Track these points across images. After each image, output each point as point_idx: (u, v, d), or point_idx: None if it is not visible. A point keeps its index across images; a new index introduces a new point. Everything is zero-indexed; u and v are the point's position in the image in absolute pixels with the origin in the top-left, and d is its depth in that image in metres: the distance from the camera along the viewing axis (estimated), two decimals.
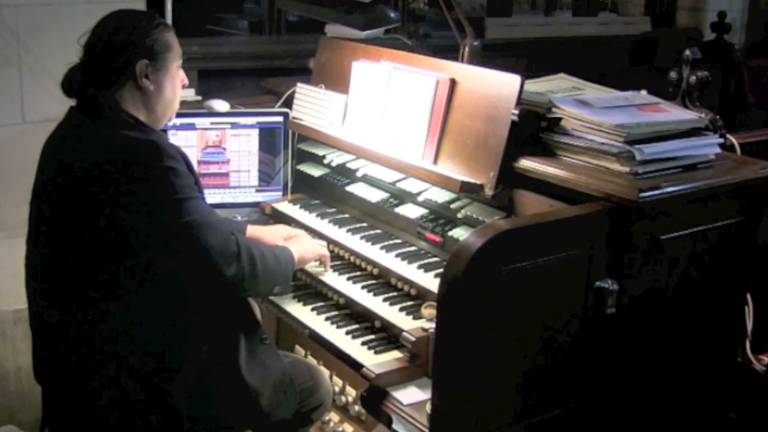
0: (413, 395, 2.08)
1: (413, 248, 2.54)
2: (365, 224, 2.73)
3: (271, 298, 2.48)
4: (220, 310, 2.14)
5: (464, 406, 1.93)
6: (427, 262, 2.43)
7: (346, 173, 2.82)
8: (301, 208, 2.90)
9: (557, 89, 2.51)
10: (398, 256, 2.49)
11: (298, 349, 3.06)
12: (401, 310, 2.32)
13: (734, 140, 2.49)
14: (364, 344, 2.28)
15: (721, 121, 2.37)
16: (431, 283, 2.31)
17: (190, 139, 2.91)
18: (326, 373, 2.71)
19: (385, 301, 2.37)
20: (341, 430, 2.85)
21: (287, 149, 3.00)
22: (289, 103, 3.04)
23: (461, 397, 1.92)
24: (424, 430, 1.97)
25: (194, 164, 2.41)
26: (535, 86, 2.51)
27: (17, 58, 2.94)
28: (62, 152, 2.07)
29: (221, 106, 2.96)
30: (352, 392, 2.85)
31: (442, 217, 2.50)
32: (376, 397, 2.11)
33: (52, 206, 2.06)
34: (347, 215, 2.82)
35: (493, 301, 1.88)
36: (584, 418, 2.14)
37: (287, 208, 2.92)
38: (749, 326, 2.46)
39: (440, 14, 2.96)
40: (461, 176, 2.33)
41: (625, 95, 2.42)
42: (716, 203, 2.21)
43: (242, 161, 2.97)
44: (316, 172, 2.96)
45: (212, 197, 2.89)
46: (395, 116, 2.59)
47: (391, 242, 2.58)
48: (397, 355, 2.20)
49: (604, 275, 2.04)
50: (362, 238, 2.62)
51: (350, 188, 2.79)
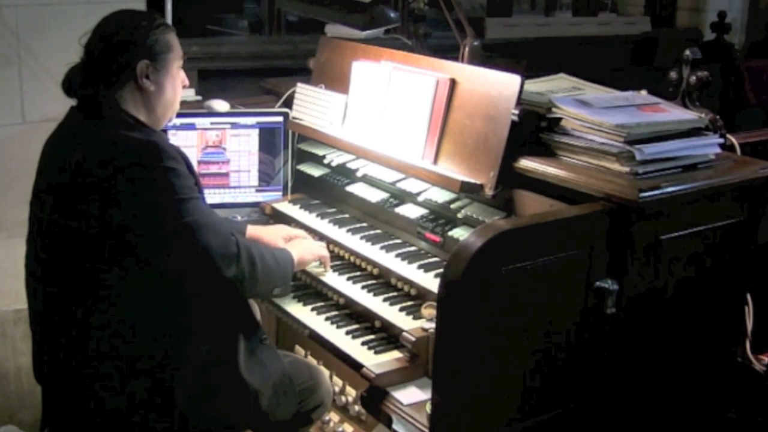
0: (413, 395, 2.08)
1: (413, 248, 2.54)
2: (365, 224, 2.73)
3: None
4: (219, 310, 2.14)
5: (464, 406, 1.93)
6: (427, 262, 2.43)
7: (346, 173, 2.82)
8: (301, 208, 2.90)
9: (557, 89, 2.51)
10: (398, 256, 2.49)
11: (298, 349, 3.06)
12: (401, 310, 2.32)
13: (734, 140, 2.49)
14: (364, 344, 2.28)
15: (721, 121, 2.37)
16: (431, 283, 2.31)
17: (190, 139, 2.91)
18: (326, 372, 2.71)
19: (385, 301, 2.37)
20: (341, 430, 2.85)
21: (287, 149, 2.99)
22: (289, 103, 3.04)
23: (461, 397, 1.92)
24: (424, 430, 1.97)
25: (194, 164, 2.41)
26: (535, 86, 2.51)
27: (17, 58, 2.94)
28: (62, 152, 2.07)
29: (221, 106, 2.96)
30: (352, 392, 2.85)
31: (442, 217, 2.50)
32: (376, 397, 2.11)
33: (52, 206, 2.06)
34: (347, 215, 2.82)
35: (493, 301, 1.88)
36: (584, 418, 2.14)
37: (287, 208, 2.92)
38: (749, 326, 2.46)
39: (440, 14, 2.96)
40: (461, 176, 2.33)
41: (625, 95, 2.42)
42: (716, 203, 2.21)
43: (242, 161, 2.97)
44: (316, 172, 2.96)
45: (212, 197, 2.89)
46: (395, 116, 2.59)
47: (391, 242, 2.58)
48: (397, 355, 2.20)
49: (604, 275, 2.04)
50: (362, 238, 2.62)
51: (350, 188, 2.79)
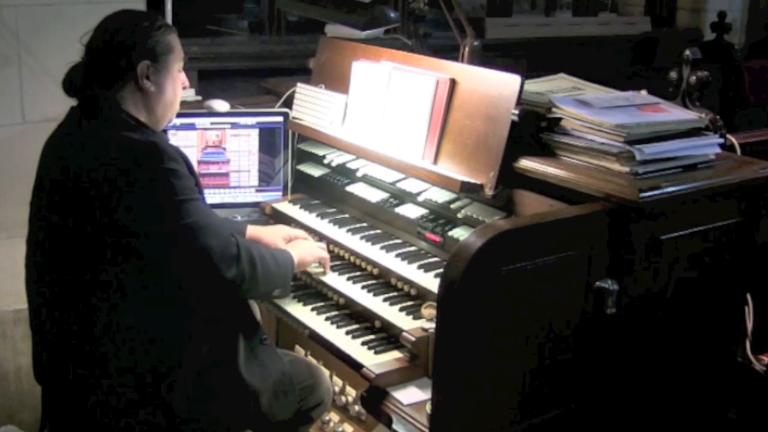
0: (413, 395, 2.08)
1: (413, 248, 2.54)
2: (365, 224, 2.73)
3: None
4: (219, 311, 2.13)
5: (464, 406, 1.93)
6: (427, 262, 2.43)
7: (346, 173, 2.81)
8: (301, 208, 2.90)
9: (557, 89, 2.51)
10: (398, 256, 2.49)
11: (298, 349, 3.06)
12: (401, 310, 2.32)
13: (734, 140, 2.49)
14: (364, 344, 2.28)
15: (721, 121, 2.37)
16: (431, 283, 2.31)
17: (190, 139, 2.91)
18: (326, 371, 2.71)
19: (385, 301, 2.37)
20: (341, 430, 2.85)
21: (287, 149, 2.99)
22: (289, 103, 3.04)
23: (461, 397, 1.92)
24: (424, 430, 1.97)
25: (194, 164, 2.41)
26: (535, 86, 2.51)
27: (17, 58, 2.94)
28: (63, 153, 2.07)
29: (221, 106, 2.95)
30: (352, 392, 2.85)
31: (442, 217, 2.50)
32: (376, 397, 2.11)
33: (52, 207, 2.06)
34: (347, 215, 2.82)
35: (493, 301, 1.88)
36: (584, 418, 2.14)
37: (287, 208, 2.92)
38: (749, 326, 2.46)
39: (440, 14, 2.96)
40: (461, 176, 2.33)
41: (625, 95, 2.42)
42: (716, 203, 2.21)
43: (242, 161, 2.97)
44: (316, 172, 2.96)
45: (212, 197, 2.89)
46: (395, 116, 2.59)
47: (391, 242, 2.58)
48: (397, 355, 2.20)
49: (604, 275, 2.04)
50: (362, 238, 2.62)
51: (350, 188, 2.79)
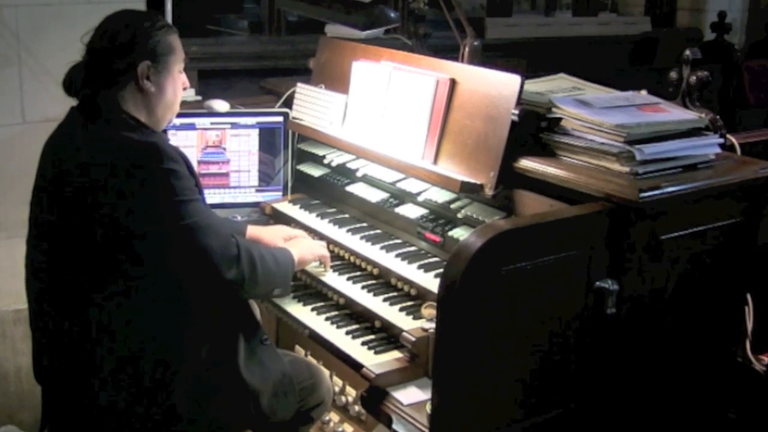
0: (413, 395, 2.08)
1: (413, 248, 2.54)
2: (365, 224, 2.73)
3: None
4: (219, 311, 2.13)
5: (464, 406, 1.93)
6: (427, 262, 2.43)
7: (346, 173, 2.81)
8: (301, 208, 2.90)
9: (557, 89, 2.51)
10: (398, 256, 2.49)
11: (298, 349, 3.06)
12: (401, 310, 2.32)
13: (734, 140, 2.49)
14: (364, 344, 2.28)
15: (721, 121, 2.37)
16: (431, 283, 2.31)
17: (190, 139, 2.91)
18: (326, 371, 2.71)
19: (385, 301, 2.37)
20: (341, 430, 2.85)
21: (287, 149, 2.99)
22: (289, 103, 3.04)
23: (461, 397, 1.92)
24: (424, 430, 1.97)
25: (194, 164, 2.41)
26: (535, 86, 2.51)
27: (17, 58, 2.94)
28: (63, 153, 2.07)
29: (221, 106, 2.95)
30: (352, 392, 2.85)
31: (442, 217, 2.50)
32: (376, 397, 2.11)
33: (52, 207, 2.06)
34: (347, 215, 2.82)
35: (493, 301, 1.88)
36: (584, 418, 2.14)
37: (287, 208, 2.92)
38: (749, 326, 2.46)
39: (440, 14, 2.96)
40: (461, 176, 2.33)
41: (625, 95, 2.41)
42: (716, 203, 2.21)
43: (242, 161, 2.97)
44: (316, 172, 2.96)
45: (212, 197, 2.88)
46: (395, 116, 2.59)
47: (391, 242, 2.58)
48: (397, 355, 2.20)
49: (604, 275, 2.04)
50: (362, 238, 2.62)
51: (350, 188, 2.79)
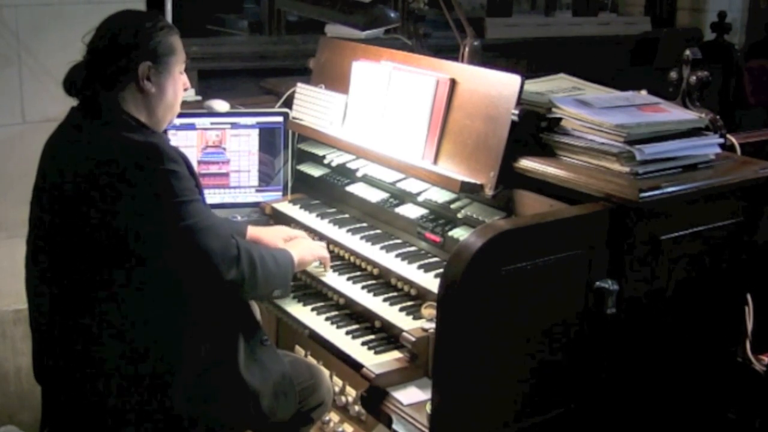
0: (413, 395, 2.08)
1: (413, 248, 2.54)
2: (365, 224, 2.73)
3: None
4: (219, 312, 2.13)
5: (464, 406, 1.93)
6: (427, 262, 2.43)
7: (346, 173, 2.81)
8: (301, 208, 2.90)
9: (557, 89, 2.51)
10: (398, 256, 2.49)
11: (298, 349, 3.06)
12: (401, 310, 2.31)
13: (734, 140, 2.49)
14: (364, 344, 2.28)
15: (721, 121, 2.37)
16: (431, 283, 2.31)
17: (190, 139, 2.91)
18: (326, 372, 2.71)
19: (385, 301, 2.37)
20: (341, 430, 2.85)
21: (287, 149, 2.99)
22: (289, 103, 3.04)
23: (461, 397, 1.92)
24: (424, 430, 1.97)
25: (194, 164, 2.41)
26: (535, 86, 2.51)
27: (17, 58, 2.94)
28: (63, 153, 2.07)
29: (221, 106, 2.95)
30: (352, 392, 2.85)
31: (442, 217, 2.49)
32: (376, 397, 2.11)
33: (52, 207, 2.05)
34: (347, 215, 2.82)
35: (493, 301, 1.88)
36: (584, 418, 2.14)
37: (287, 208, 2.92)
38: (749, 326, 2.46)
39: (440, 14, 2.97)
40: (461, 176, 2.33)
41: (625, 95, 2.41)
42: (716, 203, 2.21)
43: (242, 161, 2.97)
44: (316, 172, 2.96)
45: (212, 197, 2.88)
46: (395, 116, 2.59)
47: (391, 242, 2.57)
48: (397, 355, 2.20)
49: (604, 275, 2.04)
50: (362, 238, 2.62)
51: (350, 188, 2.79)
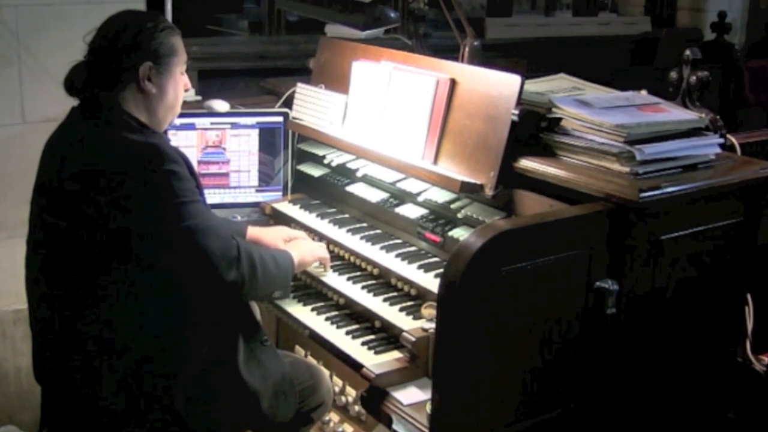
0: (413, 395, 2.08)
1: (413, 248, 2.54)
2: (365, 224, 2.73)
3: None
4: (219, 312, 2.13)
5: (464, 406, 1.93)
6: (427, 262, 2.43)
7: (346, 173, 2.81)
8: (301, 208, 2.90)
9: (557, 89, 2.51)
10: (398, 256, 2.49)
11: (298, 349, 3.06)
12: (401, 310, 2.32)
13: (734, 140, 2.49)
14: (364, 344, 2.28)
15: (721, 121, 2.37)
16: (431, 283, 2.31)
17: (190, 139, 2.91)
18: (326, 372, 2.71)
19: (385, 301, 2.37)
20: (341, 430, 2.85)
21: (287, 149, 2.99)
22: (289, 103, 3.04)
23: (461, 397, 1.92)
24: (424, 430, 1.97)
25: (194, 164, 2.41)
26: (535, 86, 2.51)
27: (17, 58, 2.94)
28: (63, 153, 2.06)
29: (221, 106, 2.95)
30: (352, 392, 2.85)
31: (442, 217, 2.49)
32: (376, 397, 2.11)
33: (52, 207, 2.05)
34: (347, 215, 2.82)
35: (493, 301, 1.88)
36: (584, 418, 2.14)
37: (287, 208, 2.92)
38: (749, 326, 2.46)
39: (440, 14, 2.96)
40: (461, 176, 2.33)
41: (625, 95, 2.42)
42: (716, 203, 2.21)
43: (242, 161, 2.97)
44: (316, 172, 2.96)
45: (212, 197, 2.88)
46: (395, 116, 2.59)
47: (391, 242, 2.57)
48: (397, 355, 2.20)
49: (604, 275, 2.04)
50: (362, 238, 2.62)
51: (350, 188, 2.79)
